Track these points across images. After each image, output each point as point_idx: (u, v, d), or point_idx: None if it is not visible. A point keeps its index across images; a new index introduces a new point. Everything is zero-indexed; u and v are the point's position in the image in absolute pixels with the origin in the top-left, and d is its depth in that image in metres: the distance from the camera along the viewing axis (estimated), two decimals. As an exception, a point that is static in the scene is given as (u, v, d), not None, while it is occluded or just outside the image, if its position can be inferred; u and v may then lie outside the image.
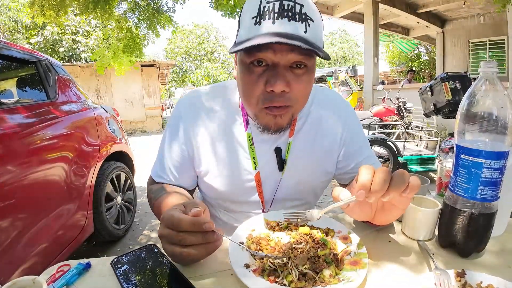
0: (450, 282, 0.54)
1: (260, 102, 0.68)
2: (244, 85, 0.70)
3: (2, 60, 1.91)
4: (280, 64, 0.65)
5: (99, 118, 2.47)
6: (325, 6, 8.94)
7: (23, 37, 14.12)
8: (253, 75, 0.67)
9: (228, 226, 0.93)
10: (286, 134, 0.83)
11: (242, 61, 0.68)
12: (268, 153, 0.83)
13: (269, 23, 0.61)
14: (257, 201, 0.86)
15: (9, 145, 1.47)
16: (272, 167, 0.84)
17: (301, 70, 0.67)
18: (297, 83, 0.67)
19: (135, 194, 3.07)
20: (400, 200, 0.57)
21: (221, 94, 0.87)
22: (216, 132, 0.84)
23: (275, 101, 0.67)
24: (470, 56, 9.28)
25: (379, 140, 3.80)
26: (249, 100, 0.71)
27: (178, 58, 27.37)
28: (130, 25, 4.01)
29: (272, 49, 0.63)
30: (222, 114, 0.85)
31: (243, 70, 0.69)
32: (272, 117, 0.70)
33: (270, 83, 0.64)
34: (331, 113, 0.88)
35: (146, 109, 11.12)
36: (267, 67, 0.66)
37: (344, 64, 29.18)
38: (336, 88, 7.87)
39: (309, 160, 0.85)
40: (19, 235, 1.45)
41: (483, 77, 0.60)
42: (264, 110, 0.70)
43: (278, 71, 0.64)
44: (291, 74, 0.66)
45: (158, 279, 0.57)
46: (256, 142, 0.83)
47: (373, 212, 0.61)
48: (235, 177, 0.84)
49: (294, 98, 0.68)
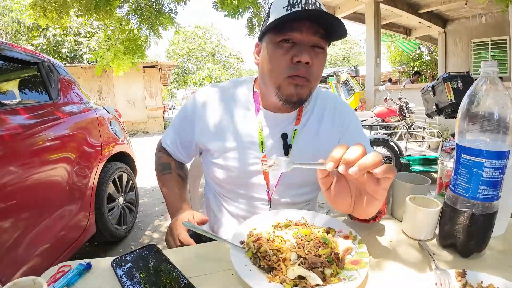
0: (451, 282, 0.54)
1: (285, 71, 0.78)
2: (273, 60, 0.80)
3: (5, 62, 1.92)
4: (305, 42, 0.77)
5: (101, 119, 2.48)
6: (327, 6, 8.94)
7: (25, 38, 14.18)
8: (282, 50, 0.78)
9: (234, 217, 0.97)
10: (293, 123, 0.91)
11: (271, 40, 0.80)
12: (275, 138, 0.90)
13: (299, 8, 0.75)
14: (262, 184, 0.90)
15: (11, 146, 1.47)
16: (278, 151, 0.90)
17: (320, 50, 0.79)
18: (316, 60, 0.79)
19: (137, 195, 3.08)
20: (375, 190, 0.57)
21: (237, 86, 0.98)
22: (227, 116, 0.92)
23: (299, 70, 0.77)
24: (472, 56, 9.24)
25: (381, 141, 3.79)
26: (276, 71, 0.80)
27: (179, 59, 27.38)
28: (132, 27, 4.02)
29: (300, 30, 0.76)
30: (236, 101, 0.94)
31: (272, 48, 0.80)
32: (294, 86, 0.79)
33: (297, 55, 0.76)
34: (332, 114, 0.94)
35: (148, 110, 11.14)
36: (294, 44, 0.78)
37: (346, 65, 29.15)
38: (338, 88, 7.86)
39: (313, 150, 0.90)
40: (21, 235, 1.46)
41: (484, 76, 0.60)
42: (287, 80, 0.79)
43: (304, 47, 0.77)
44: (312, 52, 0.78)
45: (158, 279, 0.58)
46: (265, 128, 0.91)
47: (352, 202, 0.62)
48: (243, 159, 0.90)
49: (313, 73, 0.79)
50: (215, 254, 0.68)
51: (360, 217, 0.68)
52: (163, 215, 3.25)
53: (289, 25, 0.76)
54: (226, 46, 30.32)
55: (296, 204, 0.94)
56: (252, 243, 0.63)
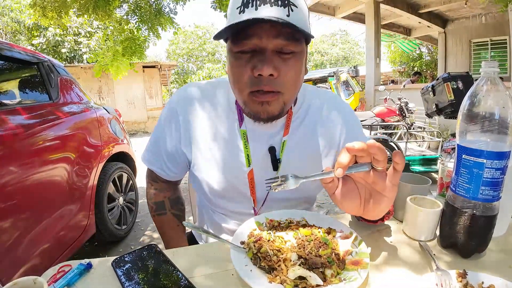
0: (452, 282, 0.54)
1: (247, 87, 0.68)
2: (233, 73, 0.70)
3: (5, 61, 1.92)
4: (267, 49, 0.65)
5: (101, 119, 2.48)
6: (327, 6, 8.94)
7: (25, 38, 14.17)
8: (240, 61, 0.67)
9: (222, 228, 0.93)
10: (281, 133, 0.83)
11: (230, 50, 0.69)
12: (263, 151, 0.83)
13: (252, 10, 0.63)
14: (248, 198, 0.85)
15: (11, 146, 1.47)
16: (266, 166, 0.83)
17: (289, 55, 0.67)
18: (284, 67, 0.67)
19: (137, 195, 3.08)
20: (384, 187, 0.56)
21: (217, 90, 0.87)
22: (211, 127, 0.84)
23: (262, 85, 0.66)
24: (472, 56, 9.24)
25: (381, 141, 3.79)
26: (238, 87, 0.71)
27: (179, 59, 27.37)
28: (131, 27, 4.01)
29: (257, 36, 0.64)
30: (218, 109, 0.85)
31: (231, 59, 0.70)
32: (259, 104, 0.70)
33: (257, 68, 0.64)
34: (331, 114, 0.88)
35: (148, 110, 11.14)
36: (254, 53, 0.66)
37: (346, 65, 29.13)
38: (338, 88, 7.86)
39: (304, 160, 0.85)
40: (21, 235, 1.46)
41: (485, 77, 0.60)
42: (251, 97, 0.69)
43: (265, 55, 0.65)
44: (278, 58, 0.66)
45: (158, 279, 0.58)
46: (251, 139, 0.82)
47: (362, 203, 0.60)
48: (228, 173, 0.83)
49: (283, 84, 0.68)
50: (215, 254, 0.68)
51: (370, 218, 0.65)
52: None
53: (244, 32, 0.64)
54: (226, 46, 30.25)
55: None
56: (252, 244, 0.63)
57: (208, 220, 0.97)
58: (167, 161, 0.89)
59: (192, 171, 0.89)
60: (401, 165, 0.53)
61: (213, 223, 0.95)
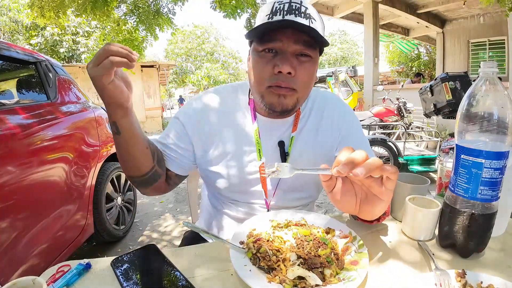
0: (451, 282, 0.54)
1: (267, 81, 0.77)
2: (256, 69, 0.79)
3: (2, 61, 1.91)
4: (288, 51, 0.75)
5: (99, 119, 2.47)
6: (325, 6, 8.95)
7: (23, 37, 14.10)
8: (264, 59, 0.77)
9: (233, 219, 0.97)
10: (290, 129, 0.90)
11: (255, 49, 0.79)
12: (273, 146, 0.90)
13: (279, 17, 0.73)
14: (259, 190, 0.90)
15: (9, 146, 1.47)
16: (276, 159, 0.89)
17: (306, 58, 0.77)
18: (301, 69, 0.76)
19: (135, 195, 3.07)
20: (380, 191, 0.57)
21: (232, 92, 0.96)
22: (225, 125, 0.91)
23: (281, 81, 0.75)
24: (470, 56, 9.26)
25: (379, 141, 3.80)
26: (258, 81, 0.79)
27: (178, 58, 27.30)
28: (129, 27, 4.00)
29: (281, 40, 0.74)
30: (232, 109, 0.93)
31: (255, 57, 0.79)
32: (276, 96, 0.78)
33: (278, 66, 0.74)
34: (331, 113, 0.93)
35: (146, 109, 11.11)
36: (276, 54, 0.76)
37: (344, 65, 29.18)
38: (336, 88, 7.86)
39: (311, 155, 0.90)
40: (20, 235, 1.45)
41: (483, 77, 0.61)
42: (269, 89, 0.78)
43: (285, 56, 0.74)
44: (296, 60, 0.76)
45: (157, 279, 0.57)
46: (262, 135, 0.90)
47: (358, 204, 0.62)
48: (241, 167, 0.89)
49: (298, 83, 0.77)
50: (214, 254, 0.68)
51: (366, 218, 0.68)
52: (161, 215, 3.25)
53: (269, 35, 0.75)
54: (225, 46, 30.27)
55: (294, 207, 0.94)
56: (252, 244, 0.63)
57: (216, 210, 1.01)
58: (177, 148, 0.91)
59: (205, 167, 0.93)
60: (393, 180, 0.56)
61: (220, 213, 0.99)
